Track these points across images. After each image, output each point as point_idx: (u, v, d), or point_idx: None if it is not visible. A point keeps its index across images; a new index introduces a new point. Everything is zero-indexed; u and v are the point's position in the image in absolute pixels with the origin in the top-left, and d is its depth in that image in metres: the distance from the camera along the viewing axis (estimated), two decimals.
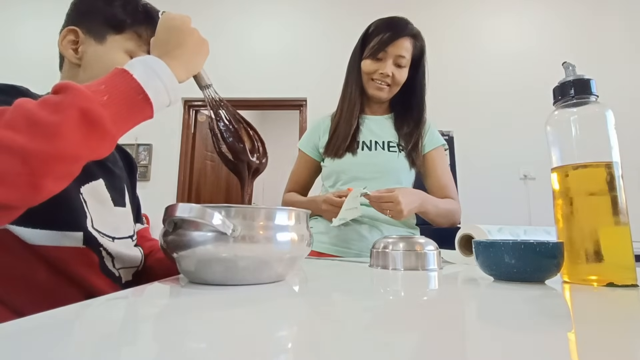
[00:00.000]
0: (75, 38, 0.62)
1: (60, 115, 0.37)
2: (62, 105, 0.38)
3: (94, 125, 0.39)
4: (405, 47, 1.02)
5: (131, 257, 0.63)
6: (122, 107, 0.43)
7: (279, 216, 0.45)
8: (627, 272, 0.45)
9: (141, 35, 0.64)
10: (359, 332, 0.26)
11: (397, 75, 1.03)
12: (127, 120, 0.44)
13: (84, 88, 0.40)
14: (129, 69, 0.45)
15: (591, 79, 0.50)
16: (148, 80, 0.45)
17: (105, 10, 0.63)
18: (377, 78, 1.04)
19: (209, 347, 0.22)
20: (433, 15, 3.41)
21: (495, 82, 3.33)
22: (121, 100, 0.43)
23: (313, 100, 3.38)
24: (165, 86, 0.47)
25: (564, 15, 3.40)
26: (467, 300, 0.41)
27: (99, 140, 0.41)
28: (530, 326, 0.28)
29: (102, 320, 0.30)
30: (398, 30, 1.01)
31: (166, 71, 0.47)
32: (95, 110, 0.39)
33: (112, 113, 0.41)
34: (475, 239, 0.52)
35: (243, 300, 0.36)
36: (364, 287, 0.50)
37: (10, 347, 0.21)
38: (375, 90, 1.05)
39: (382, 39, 1.01)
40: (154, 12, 0.67)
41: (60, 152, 0.37)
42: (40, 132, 0.36)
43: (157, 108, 0.46)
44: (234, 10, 3.57)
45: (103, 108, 0.40)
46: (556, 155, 0.52)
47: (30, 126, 0.36)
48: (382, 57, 1.02)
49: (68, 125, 0.38)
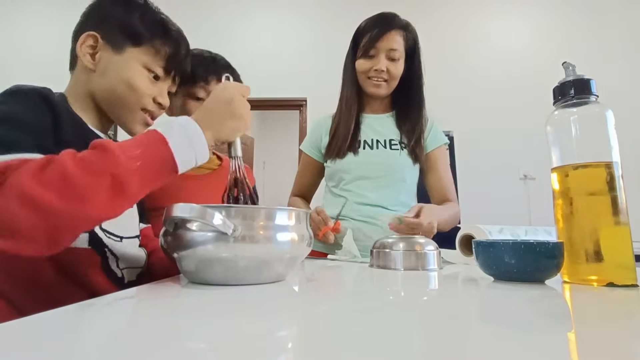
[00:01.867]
0: (94, 43, 0.62)
1: (92, 178, 0.40)
2: (95, 167, 0.41)
3: (121, 191, 0.42)
4: (395, 40, 1.02)
5: (137, 257, 0.64)
6: (152, 173, 0.45)
7: (279, 216, 0.45)
8: (627, 272, 0.45)
9: (159, 51, 0.64)
10: (359, 332, 0.26)
11: (391, 69, 1.03)
12: (152, 184, 0.46)
13: (119, 152, 0.42)
14: (167, 135, 0.47)
15: (591, 79, 0.50)
16: (182, 153, 0.47)
17: (124, 20, 0.63)
18: (372, 75, 1.04)
19: (209, 347, 0.22)
20: (433, 15, 3.40)
21: (496, 82, 3.32)
22: (152, 168, 0.45)
23: (313, 100, 3.38)
24: (195, 156, 0.49)
25: (564, 16, 3.40)
26: (467, 300, 0.41)
27: (123, 203, 0.44)
28: (530, 326, 0.28)
29: (103, 320, 0.30)
30: (386, 25, 1.02)
31: (201, 141, 0.50)
32: (125, 178, 0.42)
33: (140, 179, 0.44)
34: (476, 239, 0.52)
35: (243, 300, 0.36)
36: (364, 287, 0.50)
37: (11, 346, 0.21)
38: (373, 88, 1.05)
39: (372, 36, 1.02)
40: (171, 25, 0.67)
41: (85, 214, 0.40)
42: (70, 192, 0.39)
43: (181, 172, 0.49)
44: (235, 13, 3.57)
45: (133, 175, 0.43)
46: (556, 155, 0.52)
47: (62, 186, 0.39)
48: (374, 53, 1.02)
49: (98, 190, 0.40)
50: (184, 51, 0.69)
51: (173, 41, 0.66)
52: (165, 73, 0.66)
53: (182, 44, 0.68)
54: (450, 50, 3.36)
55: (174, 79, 0.69)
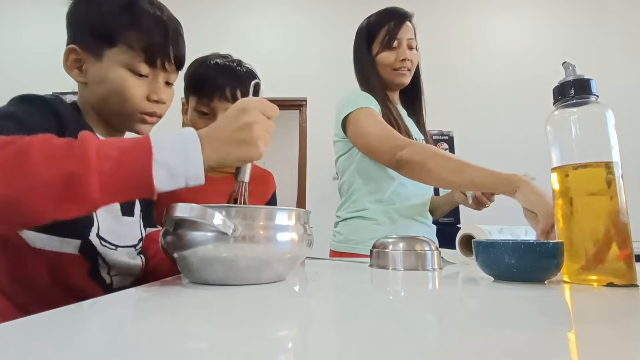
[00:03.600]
0: (77, 56, 0.59)
1: (49, 168, 0.36)
2: (57, 157, 0.37)
3: (75, 193, 0.37)
4: (411, 29, 1.06)
5: (130, 265, 0.63)
6: (120, 183, 0.39)
7: (279, 216, 0.45)
8: (627, 272, 0.45)
9: (132, 46, 0.57)
10: (359, 332, 0.26)
11: (413, 58, 1.05)
12: (118, 194, 0.40)
13: (94, 148, 0.38)
14: (156, 147, 0.40)
15: (591, 79, 0.50)
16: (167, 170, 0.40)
17: (91, 21, 0.57)
18: (398, 66, 1.04)
19: (209, 347, 0.22)
20: (433, 15, 3.40)
21: (495, 82, 3.32)
22: (123, 177, 0.39)
23: (313, 100, 3.38)
24: (186, 177, 0.42)
25: (564, 15, 3.40)
26: (467, 300, 0.41)
27: (74, 207, 0.38)
28: (530, 326, 0.28)
29: (103, 320, 0.30)
30: (401, 16, 1.06)
31: (197, 161, 0.42)
32: (84, 180, 0.37)
33: (102, 184, 0.38)
34: (476, 239, 0.52)
35: (243, 300, 0.36)
36: (364, 287, 0.50)
37: (11, 346, 0.21)
38: (400, 78, 1.05)
39: (390, 28, 1.03)
40: (141, 7, 0.58)
41: (26, 206, 0.36)
42: (19, 176, 0.35)
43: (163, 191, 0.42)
44: (235, 12, 3.57)
45: (96, 177, 0.37)
46: (556, 155, 0.52)
47: (14, 166, 0.35)
48: (396, 45, 1.03)
49: (50, 182, 0.36)
50: (163, 34, 0.59)
51: (145, 29, 0.57)
52: (150, 66, 0.59)
53: (158, 25, 0.59)
54: (450, 50, 3.36)
55: (164, 67, 0.61)
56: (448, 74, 3.27)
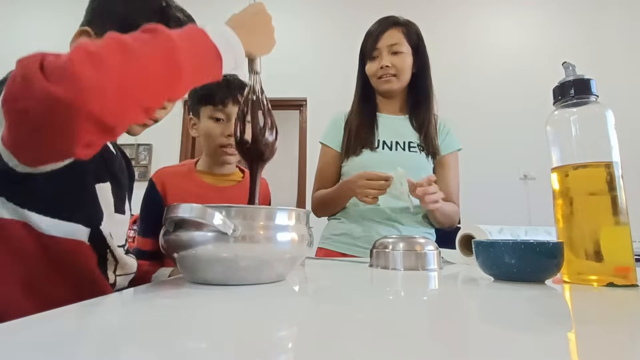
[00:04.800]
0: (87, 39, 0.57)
1: (149, 50, 0.39)
2: (150, 42, 0.40)
3: (177, 68, 0.41)
4: (394, 36, 1.05)
5: (131, 264, 0.63)
6: (200, 59, 0.45)
7: (279, 216, 0.45)
8: (627, 272, 0.45)
9: None
10: (359, 332, 0.26)
11: (396, 62, 1.04)
12: (200, 71, 0.45)
13: (170, 32, 0.41)
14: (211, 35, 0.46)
15: (591, 79, 0.50)
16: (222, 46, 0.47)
17: (120, 12, 0.58)
18: (380, 74, 1.06)
19: (209, 347, 0.22)
20: (433, 15, 3.40)
21: (495, 81, 3.32)
22: (200, 53, 0.45)
23: (313, 100, 3.38)
24: (234, 55, 0.49)
25: (564, 15, 3.40)
26: (467, 300, 0.41)
27: (179, 83, 0.42)
28: (530, 326, 0.28)
29: (103, 320, 0.30)
30: (383, 25, 1.07)
31: (237, 41, 0.50)
32: (179, 55, 0.41)
33: (188, 60, 0.42)
34: (476, 239, 0.52)
35: (243, 300, 0.36)
36: (364, 287, 0.50)
37: (11, 346, 0.21)
38: (384, 84, 1.07)
39: (372, 38, 1.06)
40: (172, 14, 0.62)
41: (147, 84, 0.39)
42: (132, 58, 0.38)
43: (225, 69, 0.48)
44: (235, 11, 3.57)
45: (184, 53, 0.41)
46: (556, 155, 0.52)
47: (123, 52, 0.37)
48: (377, 54, 1.06)
49: (157, 62, 0.39)
50: None
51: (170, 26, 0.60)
52: None
53: None
54: (450, 50, 3.36)
55: None
56: (448, 74, 3.27)
